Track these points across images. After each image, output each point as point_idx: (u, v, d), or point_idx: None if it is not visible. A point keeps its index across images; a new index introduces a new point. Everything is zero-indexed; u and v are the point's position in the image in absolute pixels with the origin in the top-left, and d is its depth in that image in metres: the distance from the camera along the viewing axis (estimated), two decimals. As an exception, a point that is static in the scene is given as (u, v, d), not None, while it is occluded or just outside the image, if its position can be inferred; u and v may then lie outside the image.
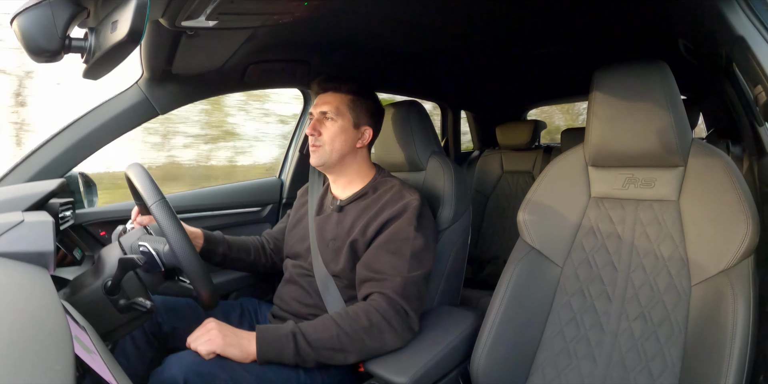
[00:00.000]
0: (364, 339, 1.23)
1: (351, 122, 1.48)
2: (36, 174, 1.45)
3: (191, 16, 1.09)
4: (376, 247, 1.36)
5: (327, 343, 1.20)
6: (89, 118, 1.53)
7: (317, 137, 1.46)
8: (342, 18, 1.46)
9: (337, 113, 1.46)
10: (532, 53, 2.15)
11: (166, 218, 1.08)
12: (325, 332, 1.21)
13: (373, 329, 1.23)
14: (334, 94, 1.49)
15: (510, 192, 3.11)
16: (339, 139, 1.46)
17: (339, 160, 1.48)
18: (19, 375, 0.44)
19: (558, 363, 1.28)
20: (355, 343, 1.22)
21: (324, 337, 1.21)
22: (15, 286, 0.69)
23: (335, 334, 1.21)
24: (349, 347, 1.22)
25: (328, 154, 1.46)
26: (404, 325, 1.27)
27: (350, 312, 1.26)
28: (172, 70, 1.53)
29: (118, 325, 1.07)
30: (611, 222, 1.32)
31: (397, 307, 1.27)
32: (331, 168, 1.51)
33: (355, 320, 1.23)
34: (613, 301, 1.26)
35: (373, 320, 1.24)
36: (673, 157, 1.22)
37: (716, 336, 1.03)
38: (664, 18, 1.59)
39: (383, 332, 1.24)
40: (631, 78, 1.24)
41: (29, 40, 0.80)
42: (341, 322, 1.23)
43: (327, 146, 1.46)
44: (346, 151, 1.48)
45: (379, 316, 1.25)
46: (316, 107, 1.49)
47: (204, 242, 1.53)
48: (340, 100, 1.48)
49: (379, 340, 1.24)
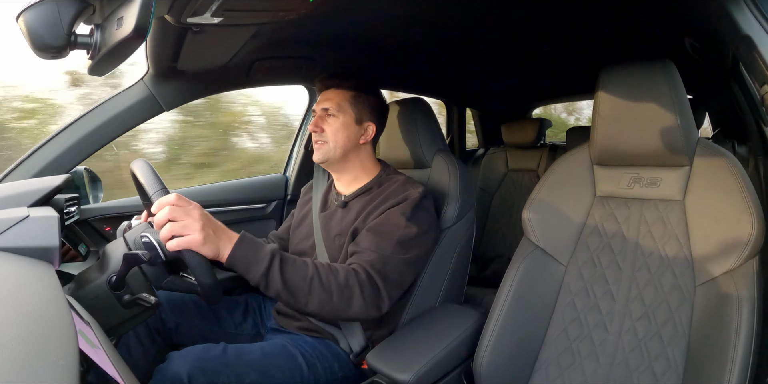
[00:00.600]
0: (333, 293, 1.19)
1: (353, 118, 1.48)
2: (41, 170, 1.45)
3: (197, 13, 1.09)
4: (367, 230, 1.35)
5: (297, 281, 1.16)
6: (94, 115, 1.53)
7: (320, 133, 1.46)
8: (347, 15, 1.46)
9: (339, 109, 1.46)
10: (537, 51, 2.14)
11: None
12: (302, 269, 1.18)
13: (345, 289, 1.20)
14: (336, 90, 1.49)
15: (515, 190, 3.11)
16: (341, 134, 1.46)
17: (342, 156, 1.48)
18: (23, 369, 0.44)
19: (561, 362, 1.28)
20: (323, 293, 1.18)
21: (298, 274, 1.16)
22: (20, 280, 0.69)
23: (310, 276, 1.17)
24: (316, 294, 1.17)
25: (331, 151, 1.46)
26: (373, 300, 1.24)
27: (332, 267, 1.23)
28: (178, 67, 1.53)
29: (123, 321, 1.07)
30: (616, 221, 1.31)
31: (371, 281, 1.25)
32: (335, 164, 1.51)
33: (334, 274, 1.21)
34: (617, 300, 1.26)
35: (349, 281, 1.21)
36: (679, 157, 1.21)
37: (720, 337, 1.03)
38: (670, 16, 1.58)
39: (353, 296, 1.21)
40: (637, 77, 1.23)
41: (35, 36, 0.80)
42: (321, 269, 1.20)
43: (330, 143, 1.46)
44: (349, 147, 1.48)
45: (356, 280, 1.22)
46: (318, 104, 1.50)
47: None
48: (342, 97, 1.48)
49: (346, 302, 1.21)
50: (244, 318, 1.58)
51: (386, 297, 1.26)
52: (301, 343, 1.38)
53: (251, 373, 1.22)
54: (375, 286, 1.25)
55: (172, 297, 1.47)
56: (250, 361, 1.24)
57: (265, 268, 1.12)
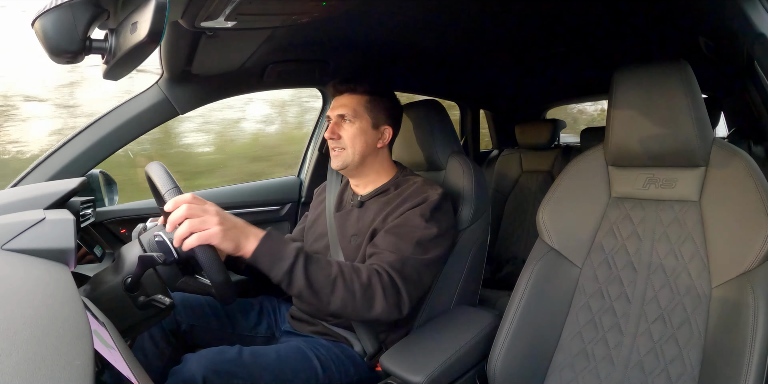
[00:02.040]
0: (356, 293, 1.19)
1: (370, 123, 1.47)
2: (57, 173, 1.48)
3: (210, 17, 1.10)
4: (386, 231, 1.35)
5: (321, 280, 1.16)
6: (110, 118, 1.55)
7: (337, 140, 1.45)
8: (360, 17, 1.46)
9: (355, 115, 1.45)
10: (551, 52, 2.13)
11: None
12: (326, 269, 1.18)
13: (368, 290, 1.20)
14: (350, 95, 1.48)
15: (529, 192, 3.10)
16: (359, 140, 1.45)
17: (361, 162, 1.47)
18: (39, 369, 0.44)
19: (576, 365, 1.27)
20: (346, 293, 1.18)
21: (322, 274, 1.16)
22: (36, 282, 0.70)
23: (334, 275, 1.17)
24: (339, 294, 1.17)
25: (350, 157, 1.46)
26: (394, 301, 1.24)
27: (355, 266, 1.23)
28: (192, 71, 1.54)
29: (137, 322, 1.08)
30: (631, 222, 1.30)
31: (393, 282, 1.24)
32: (353, 170, 1.50)
33: (357, 274, 1.21)
34: (632, 302, 1.25)
35: (372, 281, 1.21)
36: (694, 157, 1.20)
37: (736, 339, 1.01)
38: (684, 16, 1.57)
39: (375, 297, 1.21)
40: (651, 77, 1.22)
41: (50, 41, 0.81)
42: (345, 269, 1.20)
43: (348, 149, 1.45)
44: (367, 152, 1.47)
45: (378, 281, 1.22)
46: (333, 110, 1.48)
47: None
48: (357, 102, 1.47)
49: (368, 302, 1.21)
50: (259, 320, 1.58)
51: (407, 298, 1.26)
52: (316, 345, 1.38)
53: (266, 375, 1.22)
54: (396, 287, 1.24)
55: (187, 299, 1.48)
56: (265, 364, 1.24)
57: (289, 265, 1.12)
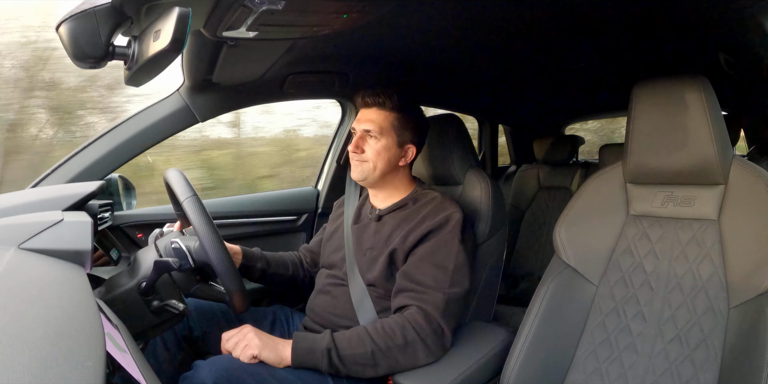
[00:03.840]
0: (398, 357, 1.22)
1: (395, 141, 1.46)
2: (76, 175, 1.49)
3: (232, 27, 1.11)
4: (419, 259, 1.34)
5: (360, 359, 1.21)
6: (130, 124, 1.57)
7: (360, 154, 1.45)
8: (381, 31, 1.47)
9: (381, 132, 1.44)
10: (571, 68, 2.12)
11: (197, 214, 1.09)
12: (359, 348, 1.21)
13: (407, 347, 1.23)
14: (378, 110, 1.46)
15: (546, 208, 3.08)
16: (382, 157, 1.44)
17: (380, 177, 1.47)
18: (50, 369, 0.44)
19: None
20: (388, 360, 1.22)
21: (358, 353, 1.21)
22: (52, 282, 0.71)
23: (369, 350, 1.21)
24: (382, 363, 1.22)
25: (370, 172, 1.45)
26: (438, 344, 1.26)
27: (386, 327, 1.24)
28: (213, 79, 1.56)
29: (150, 326, 1.09)
30: (649, 241, 1.28)
31: (434, 325, 1.25)
32: (373, 184, 1.50)
33: (391, 337, 1.22)
34: (648, 322, 1.23)
35: (408, 338, 1.23)
36: (714, 175, 1.18)
37: (753, 360, 0.99)
38: (704, 32, 1.56)
39: (417, 351, 1.23)
40: (670, 93, 1.21)
41: (75, 45, 0.83)
42: (376, 338, 1.22)
43: (370, 163, 1.44)
44: (388, 169, 1.47)
45: (415, 333, 1.23)
46: (359, 123, 1.47)
47: (243, 258, 1.54)
48: (384, 118, 1.45)
49: (412, 358, 1.24)
50: (272, 329, 1.58)
51: (449, 334, 1.28)
52: None
53: (275, 383, 1.22)
54: (438, 330, 1.26)
55: (201, 305, 1.48)
56: (276, 374, 1.23)
57: (326, 363, 1.20)
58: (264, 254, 1.62)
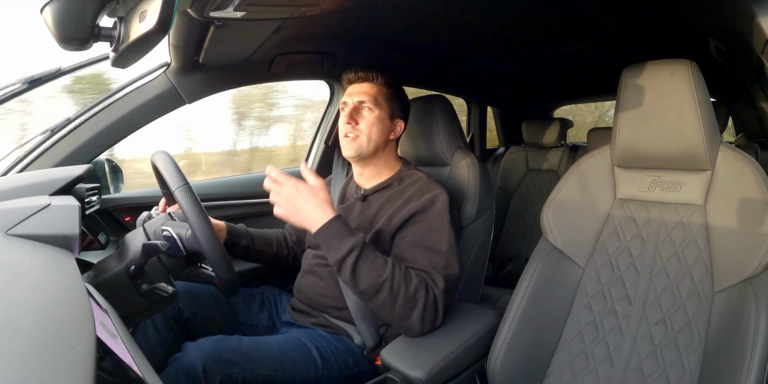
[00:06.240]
0: (398, 300, 1.20)
1: (387, 113, 1.48)
2: (63, 159, 1.48)
3: (219, 7, 1.09)
4: (412, 245, 1.34)
5: (369, 279, 1.18)
6: (117, 106, 1.55)
7: (353, 126, 1.45)
8: (370, 11, 1.46)
9: (375, 103, 1.46)
10: (560, 51, 2.12)
11: (189, 203, 1.09)
12: (377, 270, 1.19)
13: (410, 301, 1.21)
14: (371, 84, 1.49)
15: (534, 190, 3.09)
16: (376, 129, 1.45)
17: (373, 151, 1.48)
18: (40, 355, 0.44)
19: (575, 365, 1.27)
20: (388, 297, 1.19)
21: (371, 274, 1.18)
22: (40, 267, 0.70)
23: (382, 279, 1.18)
24: (381, 297, 1.19)
25: (365, 145, 1.45)
26: (432, 318, 1.25)
27: (408, 274, 1.23)
28: (200, 60, 1.54)
29: (140, 309, 1.09)
30: (636, 224, 1.29)
31: (435, 301, 1.25)
32: (364, 159, 1.50)
33: (407, 282, 1.21)
34: (634, 304, 1.24)
35: (417, 295, 1.21)
36: (701, 161, 1.19)
37: (737, 345, 1.01)
38: (695, 17, 1.56)
39: (414, 309, 1.22)
40: (660, 77, 1.21)
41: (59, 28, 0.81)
42: (396, 274, 1.20)
43: (364, 136, 1.45)
44: (381, 142, 1.48)
45: (424, 295, 1.22)
46: (351, 96, 1.48)
47: (227, 234, 1.54)
48: (378, 91, 1.48)
49: (406, 312, 1.21)
50: (260, 310, 1.59)
51: (442, 313, 1.28)
52: (316, 337, 1.38)
53: (266, 365, 1.22)
54: (436, 307, 1.26)
55: (190, 287, 1.48)
56: (265, 354, 1.24)
57: (340, 257, 1.18)
58: (249, 231, 1.62)
